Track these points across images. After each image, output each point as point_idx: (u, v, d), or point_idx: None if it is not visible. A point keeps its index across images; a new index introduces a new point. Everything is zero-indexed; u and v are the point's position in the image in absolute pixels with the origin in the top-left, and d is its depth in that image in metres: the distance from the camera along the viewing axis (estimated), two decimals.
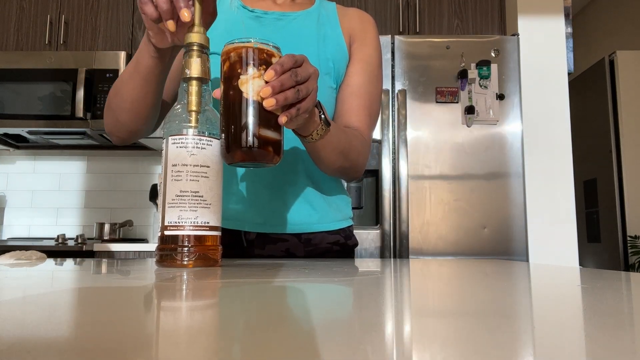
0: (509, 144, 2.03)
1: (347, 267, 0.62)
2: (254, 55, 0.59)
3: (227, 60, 0.60)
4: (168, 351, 0.18)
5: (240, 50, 0.59)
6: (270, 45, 0.61)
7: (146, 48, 0.69)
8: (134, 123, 0.80)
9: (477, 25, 2.39)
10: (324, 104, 0.86)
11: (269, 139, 0.59)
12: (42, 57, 2.34)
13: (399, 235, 1.95)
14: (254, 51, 0.59)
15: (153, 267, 0.62)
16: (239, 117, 0.58)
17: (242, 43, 0.60)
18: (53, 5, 2.48)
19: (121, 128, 0.81)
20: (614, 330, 0.22)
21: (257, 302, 0.31)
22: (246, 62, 0.59)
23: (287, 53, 0.83)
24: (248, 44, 0.59)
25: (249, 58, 0.59)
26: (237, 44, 0.60)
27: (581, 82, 3.57)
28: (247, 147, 0.58)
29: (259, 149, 0.58)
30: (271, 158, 0.60)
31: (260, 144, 0.58)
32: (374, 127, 0.92)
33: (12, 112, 2.30)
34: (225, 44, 0.61)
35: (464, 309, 0.29)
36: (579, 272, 0.57)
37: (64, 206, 2.71)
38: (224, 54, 0.61)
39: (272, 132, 0.59)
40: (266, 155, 0.59)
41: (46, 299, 0.31)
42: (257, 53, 0.59)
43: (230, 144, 0.59)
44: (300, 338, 0.20)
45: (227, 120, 0.59)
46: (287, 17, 0.89)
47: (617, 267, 3.11)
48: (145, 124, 0.81)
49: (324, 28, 0.90)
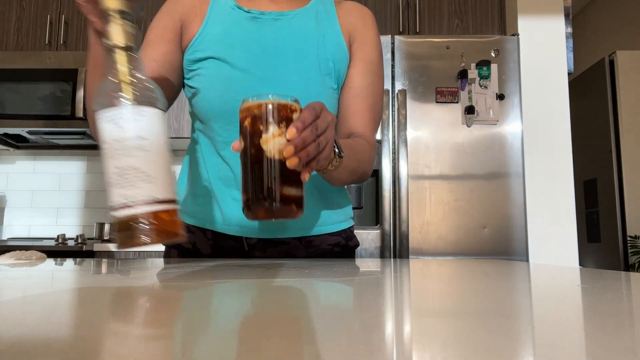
0: (509, 144, 2.03)
1: (347, 267, 0.62)
2: (274, 112, 0.59)
3: (248, 117, 0.60)
4: (168, 351, 0.18)
5: (260, 107, 0.59)
6: (288, 99, 0.61)
7: (95, 40, 0.66)
8: None
9: (477, 25, 2.39)
10: (327, 106, 0.85)
11: (292, 196, 0.60)
12: (42, 57, 2.34)
13: (399, 235, 1.95)
14: (274, 109, 0.59)
15: (153, 267, 0.62)
16: (261, 176, 0.58)
17: (262, 100, 0.60)
18: (53, 5, 2.48)
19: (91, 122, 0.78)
20: (614, 330, 0.22)
21: (257, 302, 0.31)
22: (266, 120, 0.59)
23: (289, 57, 0.83)
24: (268, 101, 0.59)
25: (269, 116, 0.59)
26: (257, 101, 0.60)
27: (581, 82, 3.57)
28: (270, 206, 0.58)
29: (283, 206, 0.59)
30: (295, 214, 0.60)
31: (284, 202, 0.59)
32: (378, 127, 0.92)
33: (12, 112, 2.30)
34: (244, 100, 0.61)
35: (464, 309, 0.29)
36: (579, 272, 0.57)
37: (64, 206, 2.71)
38: (244, 111, 0.61)
39: (295, 189, 0.60)
40: (290, 212, 0.60)
41: (46, 299, 0.31)
42: (277, 110, 0.59)
43: (253, 201, 0.59)
44: (300, 338, 0.20)
45: (249, 177, 0.59)
46: (285, 17, 0.86)
47: (617, 267, 3.11)
48: None
49: (323, 26, 0.88)
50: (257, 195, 0.59)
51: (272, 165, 0.58)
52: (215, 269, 0.57)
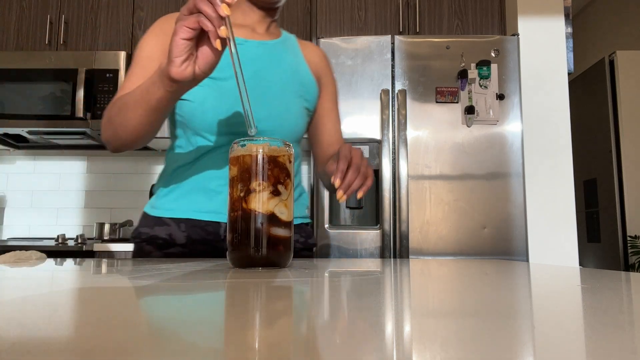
0: (509, 144, 2.03)
1: (347, 267, 0.62)
2: (263, 163, 0.59)
3: (237, 165, 0.60)
4: (168, 351, 0.18)
5: (249, 156, 0.59)
6: (279, 143, 0.61)
7: (161, 81, 0.68)
8: (134, 142, 0.82)
9: (477, 25, 2.39)
10: (299, 124, 0.96)
11: (280, 248, 0.60)
12: (42, 57, 2.34)
13: (399, 235, 1.95)
14: (263, 159, 0.59)
15: (153, 267, 0.62)
16: (248, 228, 0.58)
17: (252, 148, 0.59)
18: (53, 5, 2.48)
19: (120, 142, 0.82)
20: (614, 330, 0.22)
21: (257, 302, 0.31)
22: (255, 172, 0.59)
23: (271, 80, 0.93)
24: (258, 149, 0.59)
25: (258, 167, 0.59)
26: (246, 149, 0.60)
27: (581, 82, 3.57)
28: (258, 256, 0.58)
29: (270, 257, 0.59)
30: (283, 264, 0.61)
31: (271, 253, 0.59)
32: None
33: (12, 112, 2.30)
34: (234, 144, 0.62)
35: (464, 309, 0.29)
36: (579, 272, 0.57)
37: (64, 206, 2.71)
38: (233, 160, 0.61)
39: (284, 234, 0.60)
40: (277, 262, 0.60)
41: (46, 299, 0.31)
42: (266, 160, 0.59)
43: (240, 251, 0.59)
44: (300, 337, 0.20)
45: (238, 227, 0.59)
46: (265, 45, 0.96)
47: (617, 267, 3.11)
48: (145, 142, 0.83)
49: (294, 57, 1.00)
50: (244, 246, 0.58)
51: (259, 217, 0.58)
52: (215, 269, 0.57)
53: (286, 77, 0.96)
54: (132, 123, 0.77)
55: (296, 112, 0.96)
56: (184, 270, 0.55)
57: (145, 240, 0.91)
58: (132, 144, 0.82)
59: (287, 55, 0.99)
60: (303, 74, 1.00)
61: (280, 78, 0.95)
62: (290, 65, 0.98)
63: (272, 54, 0.96)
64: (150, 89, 0.71)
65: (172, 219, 0.90)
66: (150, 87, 0.71)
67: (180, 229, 0.89)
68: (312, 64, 1.05)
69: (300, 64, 1.01)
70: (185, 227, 0.89)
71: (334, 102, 1.09)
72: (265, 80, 0.92)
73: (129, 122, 0.77)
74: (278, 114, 0.92)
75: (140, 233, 0.92)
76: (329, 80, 1.08)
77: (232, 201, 0.60)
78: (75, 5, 2.48)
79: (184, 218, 0.89)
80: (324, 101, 1.06)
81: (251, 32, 0.97)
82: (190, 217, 0.89)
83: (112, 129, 0.81)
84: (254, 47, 0.94)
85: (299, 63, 1.00)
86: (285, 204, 0.60)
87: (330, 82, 1.09)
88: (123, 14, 2.48)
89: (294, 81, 0.97)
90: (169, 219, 0.90)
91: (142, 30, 2.46)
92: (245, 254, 0.58)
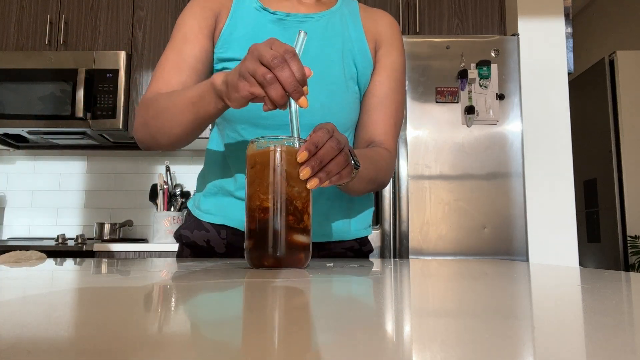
0: (509, 143, 2.03)
1: (347, 267, 0.62)
2: (282, 159, 0.58)
3: (255, 165, 0.60)
4: (168, 351, 0.18)
5: (267, 155, 0.59)
6: (296, 141, 0.60)
7: (215, 100, 0.66)
8: (172, 147, 0.79)
9: (477, 25, 2.39)
10: (349, 110, 0.85)
11: (299, 245, 0.59)
12: (42, 57, 2.34)
13: (399, 235, 1.95)
14: (281, 156, 0.58)
15: (153, 266, 0.62)
16: (266, 226, 0.58)
17: (268, 147, 0.59)
18: (53, 5, 2.48)
19: (157, 146, 0.80)
20: (614, 330, 0.22)
21: (256, 302, 0.31)
22: (273, 169, 0.58)
23: (314, 61, 0.79)
24: (275, 147, 0.59)
25: (276, 163, 0.58)
26: (263, 149, 0.59)
27: (581, 82, 3.57)
28: (276, 255, 0.58)
29: (289, 256, 0.58)
30: (302, 263, 0.60)
31: (290, 252, 0.58)
32: (399, 134, 0.91)
33: (12, 112, 2.29)
34: (251, 143, 0.60)
35: (464, 309, 0.29)
36: (579, 272, 0.57)
37: (64, 206, 2.71)
38: (250, 158, 0.60)
39: (303, 237, 0.59)
40: (297, 261, 0.59)
41: (46, 299, 0.31)
42: (285, 157, 0.58)
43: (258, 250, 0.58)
44: (299, 337, 0.20)
45: (256, 225, 0.59)
46: (311, 19, 0.85)
47: (617, 267, 3.11)
48: (184, 145, 0.80)
49: (347, 29, 0.87)
50: (263, 245, 0.58)
51: (280, 214, 0.58)
52: (214, 269, 0.57)
53: (333, 56, 0.83)
54: (175, 131, 0.74)
55: (342, 98, 0.83)
56: (184, 270, 0.55)
57: (186, 244, 0.87)
58: (170, 147, 0.79)
59: (338, 29, 0.85)
60: (357, 51, 0.85)
61: (326, 58, 0.82)
62: (340, 41, 0.84)
63: (316, 29, 0.84)
64: (199, 103, 0.68)
65: (212, 225, 0.84)
66: (198, 102, 0.68)
67: (221, 235, 0.84)
68: (372, 34, 0.88)
69: (356, 39, 0.86)
70: (226, 234, 0.84)
71: (392, 86, 0.87)
72: (306, 62, 0.83)
73: (172, 130, 0.74)
74: (320, 106, 0.80)
75: (182, 236, 0.87)
76: (391, 55, 0.88)
77: (249, 200, 0.60)
78: (75, 5, 2.48)
79: (225, 225, 0.84)
80: (377, 82, 0.87)
81: (297, 3, 0.85)
82: (230, 225, 0.83)
83: (148, 133, 0.78)
84: (296, 23, 0.83)
85: (353, 37, 0.86)
86: (303, 203, 0.60)
87: (392, 57, 0.88)
88: (123, 14, 2.48)
89: (344, 61, 0.84)
90: (209, 224, 0.84)
91: (142, 30, 2.46)
92: (263, 254, 0.58)
